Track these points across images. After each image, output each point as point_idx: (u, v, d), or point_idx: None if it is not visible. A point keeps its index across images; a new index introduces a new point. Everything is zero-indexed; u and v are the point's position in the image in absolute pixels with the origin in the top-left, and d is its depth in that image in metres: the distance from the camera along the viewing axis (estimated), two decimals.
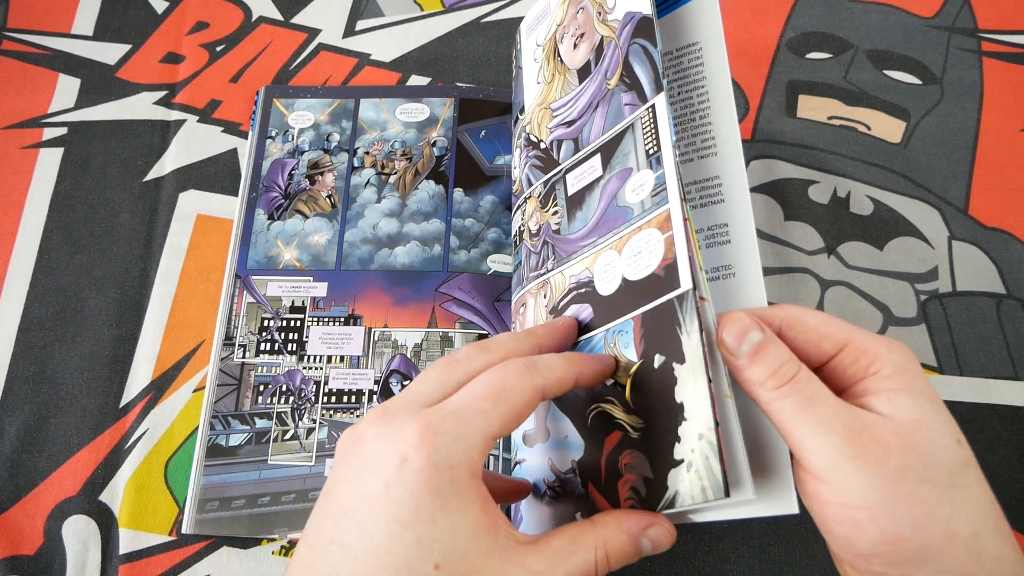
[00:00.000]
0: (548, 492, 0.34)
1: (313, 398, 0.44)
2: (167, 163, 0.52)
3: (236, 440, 0.43)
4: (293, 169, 0.50)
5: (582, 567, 0.26)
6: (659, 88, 0.33)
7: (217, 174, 0.52)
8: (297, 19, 0.58)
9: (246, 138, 0.53)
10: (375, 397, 0.44)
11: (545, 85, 0.42)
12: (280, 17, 0.58)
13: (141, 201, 0.51)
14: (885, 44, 0.54)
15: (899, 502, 0.24)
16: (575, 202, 0.37)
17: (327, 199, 0.49)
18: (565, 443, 0.33)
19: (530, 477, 0.35)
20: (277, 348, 0.45)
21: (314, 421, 0.43)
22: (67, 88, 0.55)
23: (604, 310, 0.33)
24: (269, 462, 0.42)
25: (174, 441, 0.44)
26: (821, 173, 0.50)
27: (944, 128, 0.51)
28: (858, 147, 0.51)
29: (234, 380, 0.45)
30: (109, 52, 0.57)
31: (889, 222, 0.48)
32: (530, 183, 0.41)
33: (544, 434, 0.35)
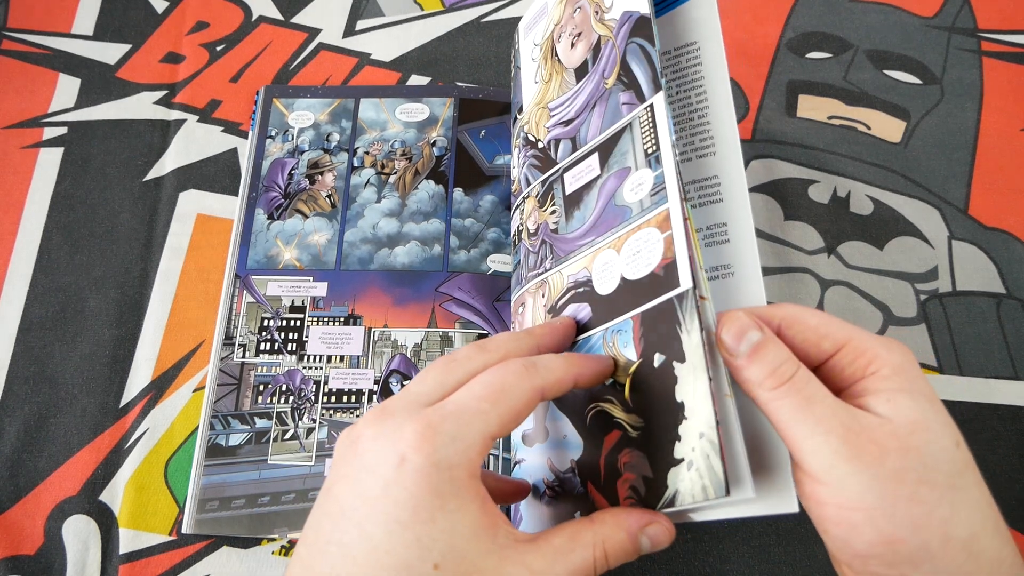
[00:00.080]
0: (547, 492, 0.34)
1: (313, 398, 0.44)
2: (167, 163, 0.52)
3: (236, 440, 0.43)
4: (293, 169, 0.50)
5: (581, 565, 0.26)
6: (657, 87, 0.33)
7: (217, 174, 0.52)
8: (297, 19, 0.58)
9: (246, 138, 0.53)
10: (375, 397, 0.44)
11: (543, 84, 0.42)
12: (280, 17, 0.58)
13: (141, 201, 0.51)
14: (885, 44, 0.54)
15: (898, 502, 0.24)
16: (573, 201, 0.37)
17: (327, 199, 0.49)
18: (564, 443, 0.33)
19: (529, 477, 0.35)
20: (277, 348, 0.45)
21: (314, 421, 0.43)
22: (67, 88, 0.55)
23: (603, 309, 0.33)
24: (269, 462, 0.42)
25: (174, 441, 0.44)
26: (821, 173, 0.50)
27: (944, 128, 0.51)
28: (858, 147, 0.50)
29: (234, 380, 0.45)
30: (109, 52, 0.57)
31: (889, 222, 0.48)
32: (528, 182, 0.41)
33: (543, 434, 0.35)
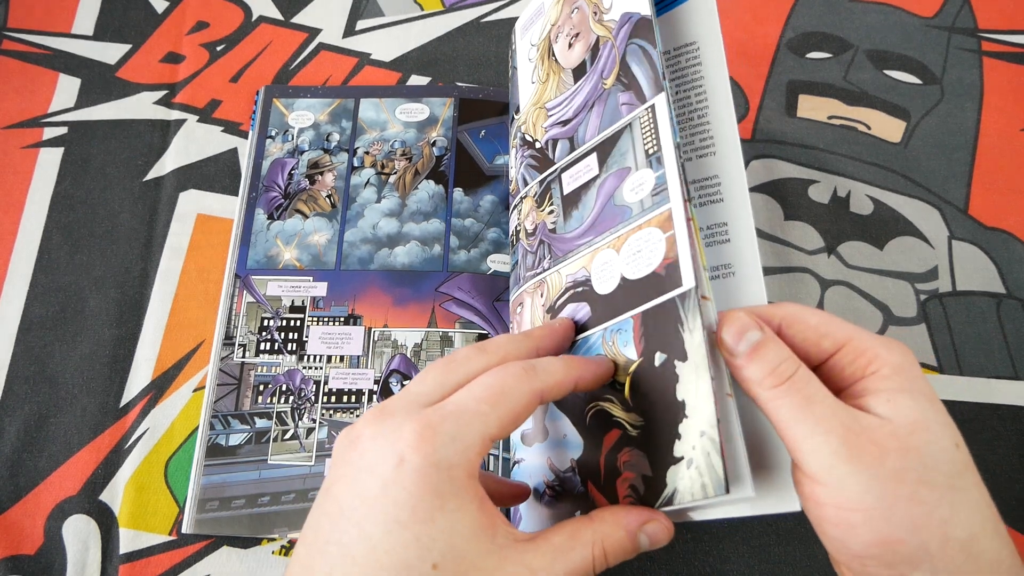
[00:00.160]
0: (547, 491, 0.34)
1: (313, 398, 0.44)
2: (167, 163, 0.52)
3: (236, 440, 0.43)
4: (293, 169, 0.50)
5: (580, 563, 0.26)
6: (659, 88, 0.33)
7: (217, 174, 0.52)
8: (297, 19, 0.58)
9: (246, 138, 0.53)
10: (375, 397, 0.44)
11: (540, 85, 0.42)
12: (280, 17, 0.58)
13: (141, 201, 0.51)
14: (885, 44, 0.54)
15: (897, 503, 0.24)
16: (571, 201, 0.37)
17: (327, 199, 0.49)
18: (564, 442, 0.33)
19: (529, 477, 0.35)
20: (277, 348, 0.45)
21: (314, 421, 0.43)
22: (67, 88, 0.55)
23: (602, 309, 0.33)
24: (269, 462, 0.42)
25: (174, 441, 0.44)
26: (821, 173, 0.50)
27: (944, 128, 0.51)
28: (858, 147, 0.50)
29: (234, 380, 0.45)
30: (109, 52, 0.57)
31: (889, 222, 0.48)
32: (526, 182, 0.41)
33: (543, 433, 0.35)
